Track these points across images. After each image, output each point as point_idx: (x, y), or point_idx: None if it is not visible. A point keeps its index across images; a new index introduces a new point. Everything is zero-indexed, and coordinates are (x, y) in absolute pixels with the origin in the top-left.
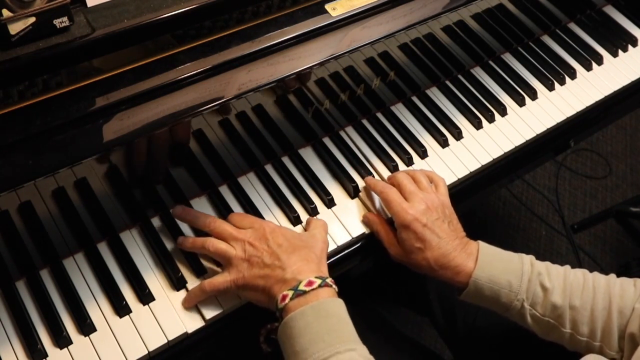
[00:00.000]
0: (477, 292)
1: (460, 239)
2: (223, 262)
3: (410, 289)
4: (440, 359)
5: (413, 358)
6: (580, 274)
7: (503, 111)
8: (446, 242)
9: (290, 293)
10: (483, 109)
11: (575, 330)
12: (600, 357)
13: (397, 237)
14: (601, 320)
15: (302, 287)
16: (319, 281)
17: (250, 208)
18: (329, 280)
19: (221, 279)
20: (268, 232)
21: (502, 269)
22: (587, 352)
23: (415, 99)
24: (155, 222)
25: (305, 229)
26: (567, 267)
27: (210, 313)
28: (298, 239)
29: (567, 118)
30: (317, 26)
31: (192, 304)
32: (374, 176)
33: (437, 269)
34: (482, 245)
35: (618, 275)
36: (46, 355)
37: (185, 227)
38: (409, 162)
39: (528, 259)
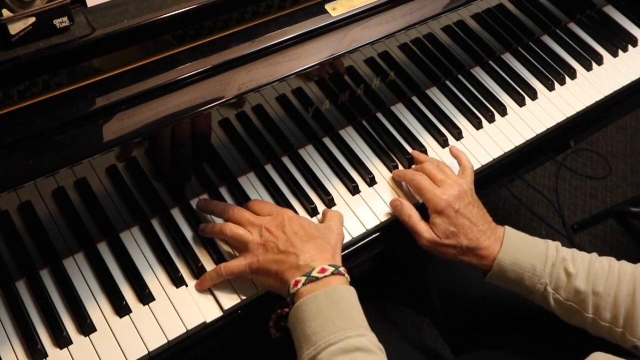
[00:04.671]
0: (500, 274)
1: (488, 223)
2: (240, 246)
3: (411, 288)
4: (440, 358)
5: (414, 357)
6: (606, 261)
7: (503, 111)
8: (477, 226)
9: (303, 279)
10: (483, 109)
11: (598, 316)
12: (608, 355)
13: (430, 222)
14: (624, 307)
15: (315, 273)
16: (331, 269)
17: None
18: (342, 269)
19: (236, 263)
20: (286, 219)
21: (526, 253)
22: (610, 338)
23: (415, 99)
24: (155, 222)
25: (320, 221)
26: (594, 254)
27: (210, 313)
28: (314, 229)
29: (567, 118)
30: (317, 26)
31: (206, 287)
32: (374, 176)
33: (467, 252)
34: (509, 229)
35: None
36: (46, 355)
37: (185, 227)
38: (409, 162)
39: (554, 244)
